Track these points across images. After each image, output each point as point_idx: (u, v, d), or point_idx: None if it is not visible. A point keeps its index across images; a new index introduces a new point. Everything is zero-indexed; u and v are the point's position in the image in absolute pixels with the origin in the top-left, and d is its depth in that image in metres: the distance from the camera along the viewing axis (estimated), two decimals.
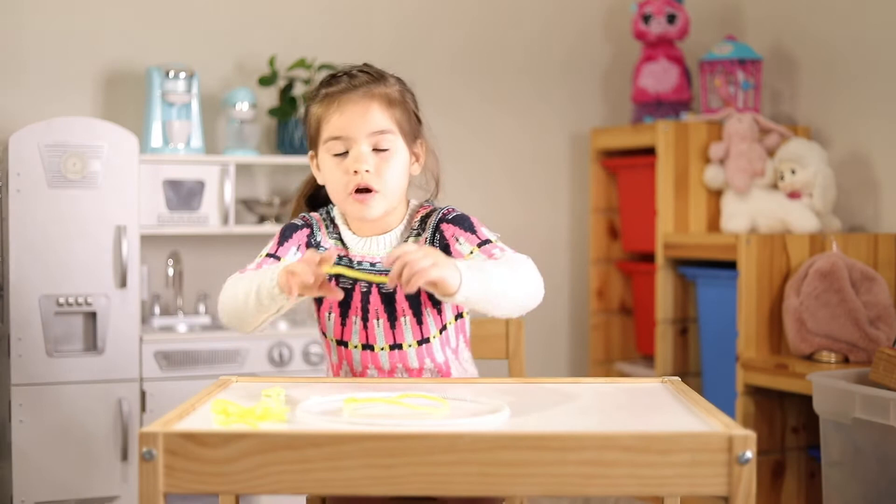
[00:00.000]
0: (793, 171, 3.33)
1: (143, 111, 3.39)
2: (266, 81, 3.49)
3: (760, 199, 3.40)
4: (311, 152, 1.86)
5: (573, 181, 4.09)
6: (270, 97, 3.61)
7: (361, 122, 1.76)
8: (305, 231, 1.86)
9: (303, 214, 1.89)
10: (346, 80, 1.79)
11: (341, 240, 1.85)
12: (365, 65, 1.86)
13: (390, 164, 1.77)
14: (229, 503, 1.83)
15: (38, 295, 2.98)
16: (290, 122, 3.50)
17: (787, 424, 3.15)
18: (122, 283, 3.04)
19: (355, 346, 1.82)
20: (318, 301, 1.85)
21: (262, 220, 3.49)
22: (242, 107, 3.45)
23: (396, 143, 1.79)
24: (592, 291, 3.97)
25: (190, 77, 3.34)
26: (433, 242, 1.80)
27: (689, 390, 1.61)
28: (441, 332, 1.83)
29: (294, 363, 3.25)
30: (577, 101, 4.08)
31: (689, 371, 3.61)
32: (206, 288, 3.54)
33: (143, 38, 3.50)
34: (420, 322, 1.80)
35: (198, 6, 3.58)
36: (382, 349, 1.81)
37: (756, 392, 3.08)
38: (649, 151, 3.63)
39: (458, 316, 1.87)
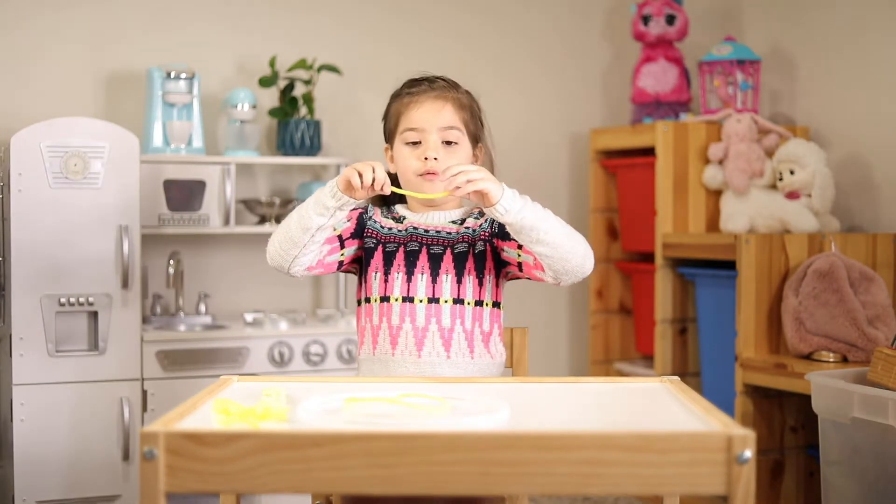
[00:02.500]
0: (791, 172, 3.34)
1: (144, 111, 3.40)
2: (266, 82, 3.50)
3: (759, 200, 3.40)
4: (386, 145, 2.12)
5: (572, 181, 4.09)
6: (271, 98, 3.61)
7: (436, 117, 2.03)
8: (359, 211, 2.08)
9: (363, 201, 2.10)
10: (426, 84, 2.08)
11: (395, 219, 2.07)
12: (442, 76, 2.13)
13: (456, 155, 2.03)
14: (230, 502, 1.84)
15: (39, 295, 2.99)
16: (291, 123, 3.51)
17: (785, 424, 3.16)
18: (124, 282, 3.04)
19: (396, 300, 1.99)
20: (366, 262, 2.03)
21: (262, 220, 3.50)
22: (243, 107, 3.45)
23: (462, 139, 2.05)
24: (592, 291, 3.98)
25: (191, 78, 3.35)
26: (493, 223, 2.02)
27: (689, 390, 1.62)
28: (476, 305, 2.00)
29: (294, 363, 3.26)
30: (577, 102, 4.09)
31: (689, 371, 3.61)
32: (207, 288, 3.55)
33: (144, 38, 3.51)
34: (459, 282, 2.00)
35: (198, 6, 3.58)
36: (421, 301, 1.99)
37: (755, 391, 3.09)
38: (648, 152, 3.63)
39: (496, 305, 2.03)
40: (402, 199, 2.12)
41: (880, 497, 2.49)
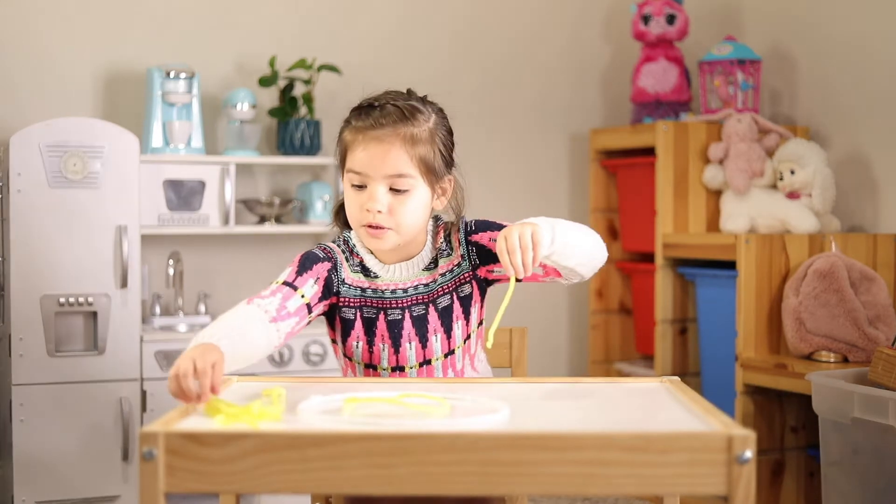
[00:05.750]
0: (792, 172, 3.33)
1: (143, 111, 3.39)
2: (266, 82, 3.50)
3: (759, 200, 3.40)
4: (342, 169, 1.86)
5: (573, 181, 4.09)
6: (271, 97, 3.61)
7: (380, 163, 1.76)
8: (327, 265, 1.84)
9: (325, 246, 1.88)
10: (377, 114, 1.78)
11: (365, 270, 1.86)
12: (408, 92, 1.85)
13: (405, 205, 1.79)
14: (230, 503, 1.84)
15: (39, 295, 2.99)
16: (291, 123, 3.51)
17: (786, 424, 3.16)
18: (123, 282, 3.04)
19: (384, 369, 1.85)
20: (344, 330, 1.86)
21: (262, 220, 3.50)
22: (243, 107, 3.45)
23: (415, 184, 1.79)
24: (592, 291, 3.98)
25: (190, 77, 3.34)
26: (470, 256, 1.86)
27: (689, 390, 1.62)
28: (465, 342, 1.89)
29: (294, 363, 3.26)
30: (577, 102, 4.08)
31: (689, 371, 3.61)
32: (207, 288, 3.55)
33: (143, 38, 3.50)
34: (449, 336, 1.86)
35: (198, 6, 3.58)
36: (412, 367, 1.85)
37: (755, 392, 3.09)
38: (649, 152, 3.63)
39: (479, 324, 1.92)
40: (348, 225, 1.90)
41: (880, 497, 2.49)
